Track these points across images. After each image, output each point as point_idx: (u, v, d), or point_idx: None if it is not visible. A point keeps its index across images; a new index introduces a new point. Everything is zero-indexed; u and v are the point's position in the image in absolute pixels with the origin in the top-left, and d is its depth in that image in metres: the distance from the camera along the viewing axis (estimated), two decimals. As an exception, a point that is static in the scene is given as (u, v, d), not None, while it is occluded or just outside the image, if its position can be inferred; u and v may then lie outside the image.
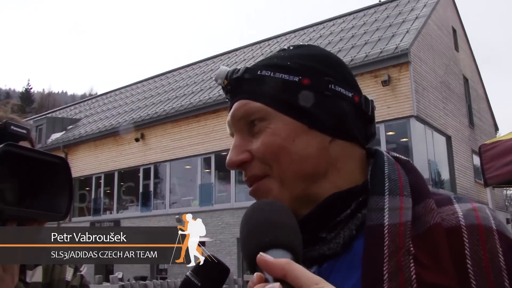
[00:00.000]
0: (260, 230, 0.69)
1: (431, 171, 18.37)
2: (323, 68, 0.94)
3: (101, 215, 26.86)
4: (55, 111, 43.81)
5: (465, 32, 26.38)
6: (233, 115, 0.96)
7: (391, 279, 0.76)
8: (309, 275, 0.61)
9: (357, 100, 0.95)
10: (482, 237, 0.77)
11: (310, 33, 25.70)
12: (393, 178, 0.88)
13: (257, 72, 0.94)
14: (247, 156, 0.93)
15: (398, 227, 0.81)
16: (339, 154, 0.92)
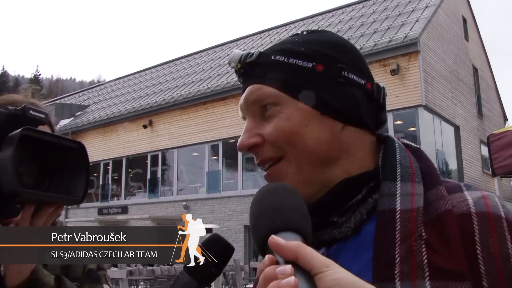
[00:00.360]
0: (271, 213, 0.69)
1: (439, 161, 18.29)
2: (337, 54, 0.95)
3: (109, 201, 26.97)
4: (64, 98, 43.86)
5: (475, 21, 26.12)
6: (246, 99, 0.97)
7: (403, 262, 0.77)
8: (320, 257, 0.62)
9: (369, 87, 0.96)
10: (491, 224, 0.79)
11: (319, 21, 25.54)
12: (405, 165, 0.90)
13: (271, 57, 0.95)
14: (258, 139, 0.94)
15: (410, 212, 0.82)
16: (351, 140, 0.93)
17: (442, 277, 0.75)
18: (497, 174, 5.48)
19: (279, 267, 0.61)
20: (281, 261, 0.63)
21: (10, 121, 1.20)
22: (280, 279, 0.59)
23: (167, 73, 31.05)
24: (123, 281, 12.40)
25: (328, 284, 0.59)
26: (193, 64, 29.22)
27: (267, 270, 0.62)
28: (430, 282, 0.75)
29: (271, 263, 0.63)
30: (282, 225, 0.67)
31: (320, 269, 0.60)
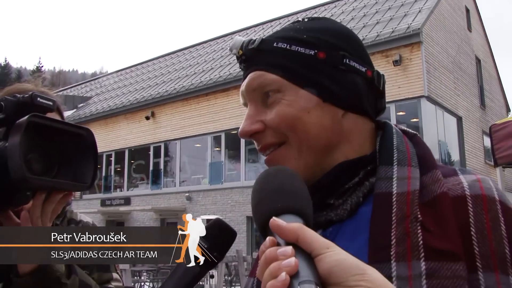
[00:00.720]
0: (273, 196, 0.70)
1: (441, 151, 18.28)
2: (338, 42, 0.96)
3: (112, 192, 27.01)
4: (66, 89, 43.82)
5: (478, 12, 25.99)
6: (248, 85, 0.97)
7: (398, 244, 0.79)
8: (321, 239, 0.63)
9: (370, 74, 0.97)
10: (485, 207, 0.81)
11: (321, 12, 25.44)
12: (402, 150, 0.92)
13: (273, 44, 0.96)
14: (260, 126, 0.95)
15: (406, 195, 0.84)
16: (351, 127, 0.95)
17: (436, 258, 0.77)
18: (499, 164, 5.48)
19: (280, 249, 0.62)
20: (282, 243, 0.63)
21: (18, 109, 1.21)
22: (281, 260, 0.60)
23: (169, 64, 30.98)
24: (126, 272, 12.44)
25: (328, 265, 0.60)
26: (195, 55, 29.15)
27: (268, 252, 0.63)
28: (425, 262, 0.77)
29: (272, 244, 0.64)
30: (283, 207, 0.68)
31: (320, 250, 0.61)
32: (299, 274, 0.59)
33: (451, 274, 0.75)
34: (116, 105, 27.19)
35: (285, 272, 0.58)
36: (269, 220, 0.66)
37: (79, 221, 1.78)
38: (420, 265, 0.77)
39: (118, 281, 1.72)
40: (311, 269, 0.60)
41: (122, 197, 25.85)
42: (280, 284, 0.58)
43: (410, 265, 0.77)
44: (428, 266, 0.76)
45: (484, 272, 0.76)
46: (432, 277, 0.76)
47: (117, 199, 26.02)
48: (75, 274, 1.43)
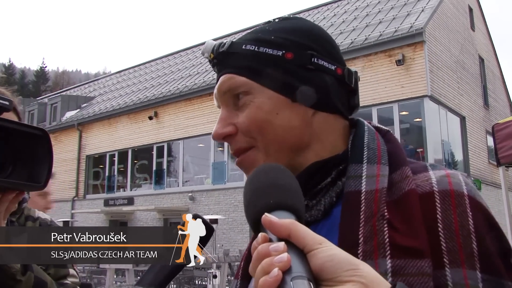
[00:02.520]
0: (265, 192, 0.70)
1: (445, 151, 18.25)
2: (306, 41, 0.96)
3: (115, 192, 27.05)
4: (70, 89, 43.95)
5: (482, 11, 25.96)
6: (219, 89, 0.98)
7: (365, 242, 0.80)
8: (313, 235, 0.63)
9: (339, 72, 0.97)
10: (453, 202, 0.81)
11: (324, 12, 25.44)
12: (372, 147, 0.92)
13: (242, 46, 0.96)
14: (231, 129, 0.96)
15: (374, 193, 0.85)
16: (322, 126, 0.95)
17: (402, 255, 0.77)
18: (502, 164, 5.45)
19: (272, 244, 0.62)
20: (274, 239, 0.63)
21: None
22: (273, 256, 0.60)
23: (172, 64, 31.03)
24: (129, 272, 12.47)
25: (321, 261, 0.60)
26: (198, 55, 29.14)
27: (261, 248, 0.62)
28: (391, 260, 0.77)
29: (265, 240, 0.64)
30: (275, 203, 0.68)
31: (313, 246, 0.62)
32: (291, 270, 0.59)
33: (416, 271, 0.76)
34: (119, 105, 27.24)
35: (278, 268, 0.58)
36: (261, 216, 0.66)
37: (37, 218, 1.78)
38: (386, 263, 0.77)
39: (75, 276, 1.73)
40: (304, 265, 0.60)
41: (125, 197, 25.88)
42: (273, 280, 0.57)
43: (376, 263, 0.77)
44: (394, 263, 0.77)
45: (451, 268, 0.76)
46: (398, 274, 0.76)
47: (120, 199, 26.06)
48: (30, 271, 1.43)
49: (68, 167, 29.23)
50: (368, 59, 17.95)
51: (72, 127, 29.45)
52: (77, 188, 28.65)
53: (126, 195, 26.08)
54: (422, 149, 17.12)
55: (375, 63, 17.85)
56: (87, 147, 28.62)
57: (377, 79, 17.46)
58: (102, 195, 27.48)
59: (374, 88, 17.28)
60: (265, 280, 0.58)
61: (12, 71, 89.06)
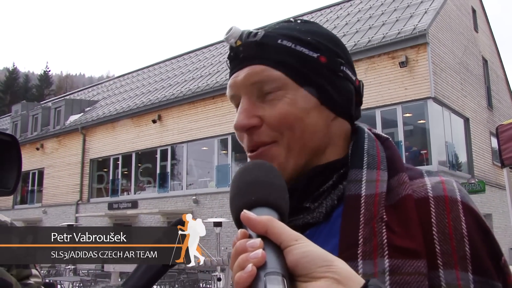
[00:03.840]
0: (247, 189, 0.72)
1: (449, 153, 18.21)
2: (336, 49, 0.99)
3: (119, 196, 27.08)
4: (73, 93, 44.06)
5: (485, 12, 25.92)
6: (248, 78, 0.95)
7: (365, 243, 0.83)
8: (290, 231, 0.64)
9: (357, 83, 1.02)
10: (447, 207, 0.84)
11: (327, 14, 25.45)
12: (372, 154, 0.95)
13: (277, 40, 0.96)
14: (257, 121, 0.94)
15: (374, 197, 0.88)
16: (338, 131, 0.99)
17: (400, 256, 0.80)
18: (506, 165, 5.43)
19: (249, 241, 0.63)
20: (253, 236, 0.65)
21: None
22: (249, 252, 0.62)
23: (175, 67, 31.07)
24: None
25: (296, 257, 0.62)
26: (202, 58, 29.22)
27: (238, 244, 0.64)
28: (389, 260, 0.80)
29: (243, 237, 0.66)
30: (257, 200, 0.70)
31: (289, 242, 0.63)
32: (266, 266, 0.60)
33: (412, 270, 0.79)
34: (123, 109, 27.28)
35: (252, 264, 0.60)
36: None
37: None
38: (384, 263, 0.80)
39: (37, 277, 1.73)
40: (279, 261, 0.61)
41: (129, 201, 25.90)
42: (247, 275, 0.59)
43: (375, 263, 0.81)
44: (392, 263, 0.80)
45: (445, 269, 0.80)
46: (395, 273, 0.79)
47: (124, 202, 26.08)
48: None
49: (72, 171, 29.28)
50: (372, 61, 17.94)
51: (76, 131, 29.50)
52: (81, 191, 28.68)
53: (130, 199, 26.09)
54: (426, 150, 17.10)
55: (379, 65, 17.83)
56: (91, 151, 28.66)
57: (381, 81, 17.44)
58: (106, 198, 27.51)
59: (377, 90, 17.27)
60: (240, 275, 0.60)
61: (16, 75, 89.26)
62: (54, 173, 30.57)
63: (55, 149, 31.05)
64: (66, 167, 29.75)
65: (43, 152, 31.77)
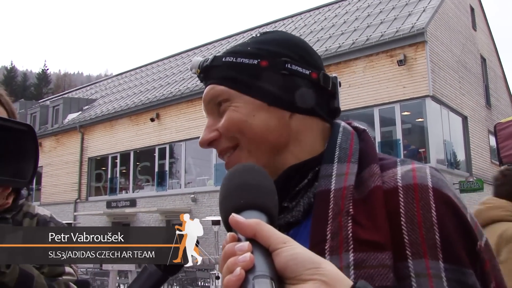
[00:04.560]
0: (236, 192, 0.72)
1: (447, 151, 18.23)
2: (281, 49, 1.03)
3: (117, 194, 27.08)
4: (71, 92, 44.01)
5: (483, 10, 25.95)
6: (204, 99, 1.06)
7: (332, 238, 0.83)
8: (278, 234, 0.65)
9: (314, 76, 1.02)
10: (416, 195, 0.84)
11: (325, 13, 25.45)
12: (344, 147, 0.96)
13: (222, 59, 1.04)
14: (215, 134, 1.02)
15: (342, 190, 0.88)
16: (300, 127, 1.01)
17: (364, 249, 0.81)
18: (504, 163, 5.42)
19: (238, 244, 0.64)
20: (242, 239, 0.65)
21: None
22: (238, 255, 0.62)
23: (173, 66, 31.06)
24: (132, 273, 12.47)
25: (284, 260, 0.62)
26: (200, 57, 29.12)
27: (227, 247, 0.65)
28: (353, 254, 0.81)
29: (232, 240, 0.66)
30: (246, 203, 0.70)
31: (277, 245, 0.64)
32: (255, 269, 0.60)
33: (377, 263, 0.79)
34: (121, 107, 27.27)
35: (240, 267, 0.60)
36: None
37: (36, 214, 1.78)
38: (349, 257, 0.81)
39: (71, 274, 1.72)
40: (267, 264, 0.62)
41: (127, 199, 25.90)
42: (235, 278, 0.59)
43: (341, 258, 0.81)
44: (356, 257, 0.81)
45: (413, 259, 0.79)
46: (360, 267, 0.80)
47: (122, 201, 26.09)
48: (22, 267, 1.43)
49: (70, 170, 29.27)
50: (370, 59, 17.94)
51: (74, 129, 29.49)
52: (80, 190, 28.68)
53: (128, 197, 26.09)
54: (424, 149, 17.12)
55: (377, 63, 17.84)
56: (89, 149, 28.65)
57: (379, 80, 17.45)
58: (105, 197, 27.50)
59: (375, 88, 17.28)
60: (229, 279, 0.60)
61: (14, 73, 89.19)
62: (53, 171, 30.56)
63: (53, 148, 31.04)
64: (64, 166, 29.74)
65: (41, 150, 31.70)
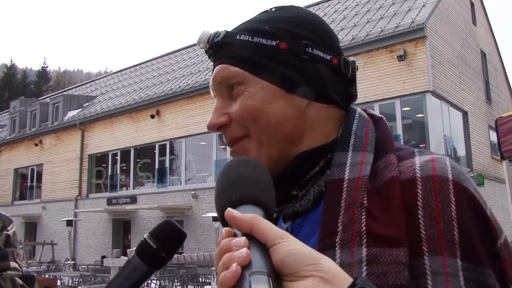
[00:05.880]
0: (232, 187, 0.69)
1: (447, 147, 18.21)
2: (301, 31, 0.95)
3: (118, 191, 27.11)
4: (71, 89, 44.03)
5: (483, 5, 25.91)
6: (214, 79, 0.98)
7: (344, 231, 0.78)
8: (275, 229, 0.62)
9: (335, 62, 0.96)
10: (436, 187, 0.78)
11: (325, 8, 25.41)
12: (359, 135, 0.91)
13: (236, 36, 0.96)
14: (226, 119, 0.95)
15: (356, 181, 0.83)
16: (317, 116, 0.94)
17: (378, 244, 0.76)
18: (505, 158, 5.43)
19: (234, 239, 0.61)
20: (238, 234, 0.63)
21: None
22: (234, 251, 0.60)
23: (173, 62, 31.04)
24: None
25: (282, 256, 0.60)
26: (200, 54, 29.16)
27: (223, 242, 0.62)
28: (367, 248, 0.76)
29: (228, 235, 0.63)
30: (242, 198, 0.68)
31: (274, 241, 0.61)
32: (251, 265, 0.58)
33: (391, 260, 0.74)
34: (121, 104, 27.26)
35: (236, 263, 0.58)
36: None
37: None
38: (361, 252, 0.76)
39: (16, 269, 1.72)
40: (264, 260, 0.60)
41: (128, 196, 25.93)
42: (231, 275, 0.57)
43: (353, 252, 0.76)
44: (369, 252, 0.75)
45: (430, 255, 0.74)
46: (373, 263, 0.75)
47: (123, 197, 26.11)
48: None
49: (70, 167, 29.29)
50: (370, 55, 17.92)
51: (74, 126, 29.48)
52: (80, 187, 28.71)
53: (129, 194, 26.12)
54: (425, 144, 17.10)
55: (377, 59, 17.81)
56: (90, 146, 28.66)
57: (379, 75, 17.43)
58: (105, 194, 27.53)
59: (376, 84, 17.26)
60: (225, 275, 0.58)
61: (14, 71, 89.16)
62: (53, 169, 30.58)
63: (54, 145, 31.05)
64: (64, 163, 29.75)
65: (41, 148, 31.76)
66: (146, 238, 0.90)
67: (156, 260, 0.90)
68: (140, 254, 0.90)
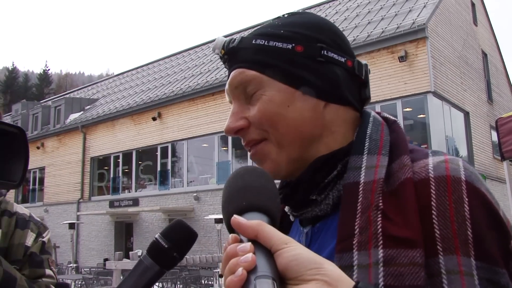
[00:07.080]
0: (238, 195, 0.72)
1: (449, 147, 18.18)
2: (316, 34, 0.97)
3: (120, 193, 27.10)
4: (73, 92, 44.04)
5: (484, 5, 25.88)
6: (230, 84, 0.99)
7: (361, 233, 0.80)
8: (280, 235, 0.65)
9: (350, 64, 0.98)
10: (449, 188, 0.80)
11: (326, 9, 25.41)
12: (374, 138, 0.93)
13: (252, 41, 0.98)
14: (244, 123, 0.97)
15: (371, 184, 0.85)
16: (334, 118, 0.96)
17: (394, 245, 0.77)
18: (506, 158, 5.42)
19: (240, 245, 0.64)
20: (244, 240, 0.66)
21: None
22: (240, 256, 0.62)
23: (175, 64, 31.04)
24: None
25: (286, 260, 0.62)
26: (201, 55, 29.19)
27: (229, 248, 0.65)
28: (383, 250, 0.77)
29: (235, 241, 0.66)
30: (248, 205, 0.71)
31: (279, 246, 0.64)
32: (256, 269, 0.61)
33: (407, 261, 0.75)
34: (123, 107, 27.27)
35: (242, 268, 0.60)
36: None
37: (14, 212, 1.77)
38: (378, 253, 0.77)
39: (51, 277, 1.72)
40: (269, 265, 0.62)
41: (130, 198, 25.93)
42: (237, 279, 0.59)
43: (370, 253, 0.78)
44: (386, 253, 0.77)
45: (445, 255, 0.76)
46: (389, 264, 0.76)
47: (125, 200, 26.11)
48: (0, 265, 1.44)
49: (72, 169, 29.30)
50: (371, 56, 17.91)
51: (76, 129, 29.50)
52: (82, 190, 28.71)
53: (131, 196, 26.12)
54: (426, 145, 17.08)
55: (378, 60, 17.80)
56: (92, 149, 28.67)
57: (380, 76, 17.41)
58: (107, 196, 27.54)
59: (377, 85, 17.24)
60: (231, 279, 0.60)
61: (16, 74, 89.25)
62: (55, 171, 30.60)
63: (56, 148, 31.07)
64: (67, 166, 29.77)
65: (43, 151, 31.79)
66: (157, 238, 0.91)
67: (168, 260, 0.91)
68: (152, 254, 0.91)
